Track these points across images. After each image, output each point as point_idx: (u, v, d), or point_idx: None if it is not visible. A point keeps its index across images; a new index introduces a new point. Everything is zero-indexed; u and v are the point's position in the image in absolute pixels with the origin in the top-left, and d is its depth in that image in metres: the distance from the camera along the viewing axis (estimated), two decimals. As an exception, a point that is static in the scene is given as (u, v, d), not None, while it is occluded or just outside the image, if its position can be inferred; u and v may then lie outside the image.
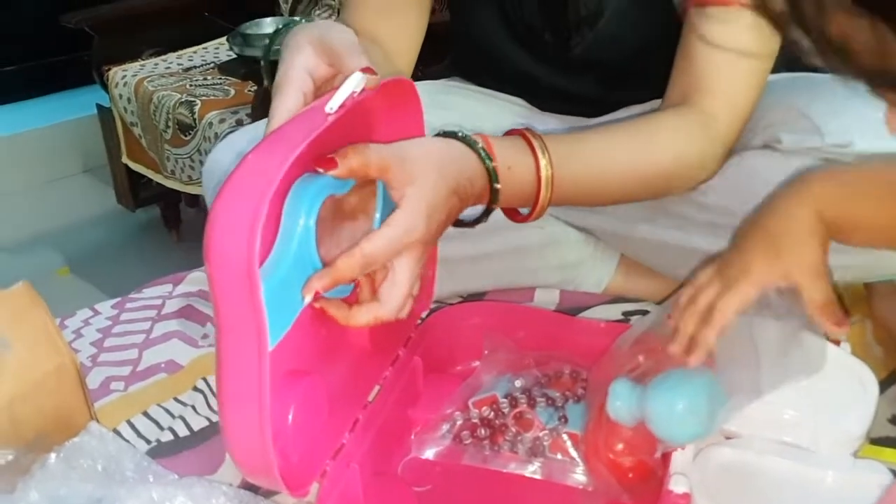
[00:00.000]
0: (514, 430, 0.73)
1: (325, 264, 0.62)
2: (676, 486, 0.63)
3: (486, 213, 0.72)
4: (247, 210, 0.54)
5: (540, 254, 1.00)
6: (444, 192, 0.64)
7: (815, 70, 0.90)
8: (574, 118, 1.00)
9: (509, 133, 0.73)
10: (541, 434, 0.72)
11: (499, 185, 0.68)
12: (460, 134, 0.67)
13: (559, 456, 0.71)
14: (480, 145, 0.67)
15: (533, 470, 0.71)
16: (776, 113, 0.83)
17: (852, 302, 0.95)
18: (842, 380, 0.74)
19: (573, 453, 0.71)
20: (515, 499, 0.71)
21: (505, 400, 0.75)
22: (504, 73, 1.00)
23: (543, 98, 1.00)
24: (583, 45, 0.91)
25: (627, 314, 0.96)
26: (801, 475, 0.69)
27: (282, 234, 0.58)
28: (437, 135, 0.69)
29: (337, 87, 0.61)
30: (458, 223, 0.71)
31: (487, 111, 1.01)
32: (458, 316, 0.85)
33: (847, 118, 0.79)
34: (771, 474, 0.69)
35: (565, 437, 0.72)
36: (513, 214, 0.76)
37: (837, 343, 0.79)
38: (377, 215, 0.68)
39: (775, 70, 0.95)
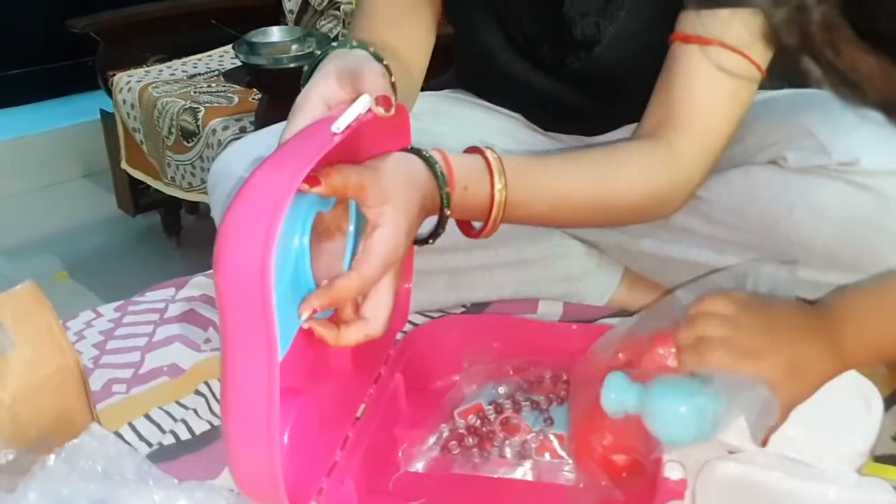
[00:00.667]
0: (501, 435, 0.73)
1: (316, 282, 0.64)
2: (671, 472, 0.64)
3: (435, 235, 0.73)
4: (261, 225, 0.55)
5: (544, 265, 1.00)
6: (417, 209, 0.66)
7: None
8: (572, 138, 1.01)
9: (471, 150, 0.74)
10: (528, 437, 0.72)
11: (448, 212, 0.70)
12: (424, 153, 0.69)
13: (547, 457, 0.72)
14: (439, 167, 0.69)
15: (523, 472, 0.71)
16: (782, 130, 0.83)
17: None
18: (846, 397, 0.74)
19: (562, 453, 0.71)
20: (509, 502, 0.71)
21: (490, 407, 0.76)
22: (504, 83, 1.00)
23: (541, 111, 1.01)
24: (579, 64, 0.92)
25: (631, 327, 0.96)
26: (804, 491, 0.69)
27: (277, 254, 0.59)
28: (404, 149, 0.71)
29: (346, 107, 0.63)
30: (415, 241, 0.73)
31: (490, 122, 1.01)
32: (435, 331, 0.85)
33: (854, 136, 0.79)
34: (774, 490, 0.69)
35: (552, 437, 0.72)
36: (467, 230, 0.77)
37: (842, 360, 0.79)
38: (351, 228, 0.69)
39: (780, 86, 0.96)
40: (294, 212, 0.60)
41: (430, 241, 0.73)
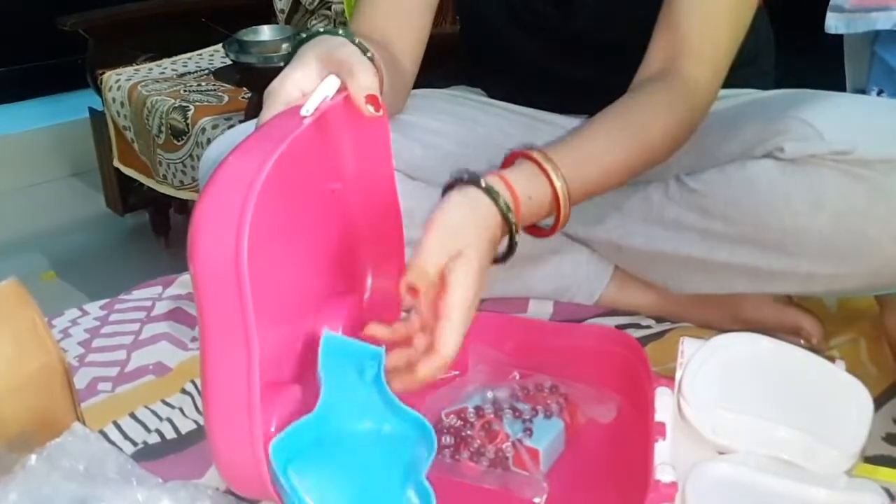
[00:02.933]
0: (477, 441, 0.72)
1: None
2: (663, 475, 0.64)
3: (507, 257, 0.74)
4: (232, 213, 0.54)
5: (535, 262, 1.00)
6: (489, 247, 0.68)
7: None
8: (577, 119, 1.01)
9: (515, 156, 0.75)
10: (503, 446, 0.71)
11: (517, 237, 0.71)
12: (484, 184, 0.69)
13: (520, 471, 0.71)
14: (503, 200, 0.69)
15: (491, 481, 0.70)
16: (779, 124, 0.83)
17: (847, 321, 0.95)
18: (837, 398, 0.74)
19: (532, 468, 0.71)
20: None
21: (472, 410, 0.75)
22: (506, 61, 1.01)
23: (546, 90, 1.00)
24: (582, 17, 0.93)
25: (621, 327, 0.96)
26: (795, 493, 0.68)
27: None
28: (459, 179, 0.71)
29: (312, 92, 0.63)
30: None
31: (486, 120, 1.01)
32: None
33: (850, 126, 0.79)
34: (765, 491, 0.69)
35: (524, 450, 0.71)
36: (536, 232, 0.78)
37: (833, 360, 0.78)
38: None
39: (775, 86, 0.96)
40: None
41: (502, 262, 0.74)
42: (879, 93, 1.29)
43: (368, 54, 0.69)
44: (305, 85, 0.66)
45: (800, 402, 0.73)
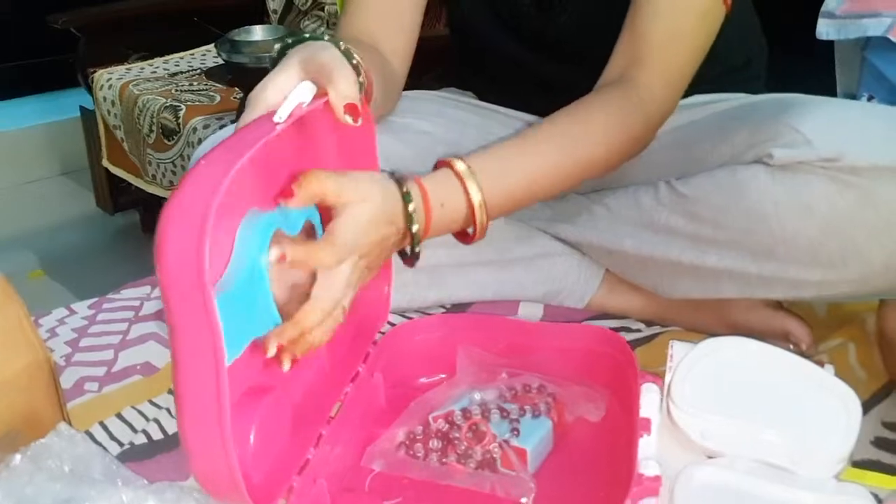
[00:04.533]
0: (465, 443, 0.72)
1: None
2: (647, 469, 0.64)
3: (414, 255, 0.73)
4: (195, 220, 0.53)
5: (525, 266, 1.00)
6: (383, 217, 0.67)
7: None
8: None
9: (439, 164, 0.75)
10: (491, 447, 0.71)
11: (418, 250, 0.72)
12: (396, 175, 0.70)
13: (508, 471, 0.71)
14: (406, 189, 0.70)
15: (478, 483, 0.70)
16: (767, 129, 0.83)
17: (835, 325, 0.95)
18: (825, 402, 0.74)
19: (519, 468, 0.70)
20: None
21: (460, 413, 0.75)
22: (497, 65, 1.01)
23: (533, 92, 1.01)
24: (563, 20, 0.93)
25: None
26: (783, 497, 0.68)
27: (234, 261, 0.57)
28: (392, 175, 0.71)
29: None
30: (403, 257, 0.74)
31: (475, 121, 1.01)
32: (415, 330, 0.85)
33: (839, 132, 0.79)
34: (753, 495, 0.69)
35: (511, 450, 0.71)
36: (462, 238, 0.78)
37: (822, 365, 0.79)
38: None
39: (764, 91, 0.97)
40: (252, 226, 0.59)
41: (412, 261, 0.73)
42: (870, 98, 1.29)
43: (354, 60, 0.68)
44: (287, 89, 0.65)
45: (788, 406, 0.74)
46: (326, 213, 0.67)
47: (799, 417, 0.72)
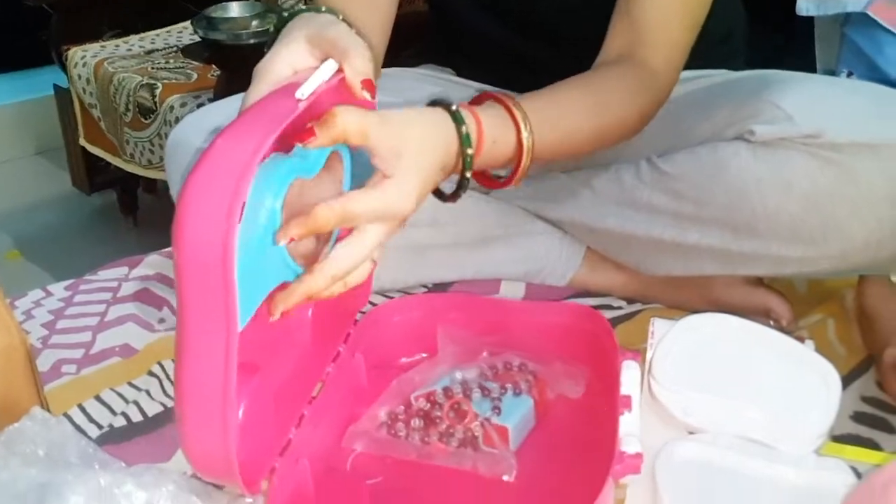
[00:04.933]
0: (446, 422, 0.72)
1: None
2: (628, 446, 0.64)
3: (456, 196, 0.71)
4: (223, 197, 0.52)
5: (507, 245, 1.00)
6: (435, 169, 0.64)
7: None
8: None
9: (487, 97, 0.72)
10: (472, 426, 0.71)
11: (469, 174, 0.68)
12: (453, 107, 0.66)
13: (490, 449, 0.71)
14: (466, 128, 0.66)
15: (461, 461, 0.70)
16: (749, 106, 0.83)
17: (815, 301, 0.96)
18: (805, 377, 0.74)
19: (501, 446, 0.71)
20: (454, 489, 0.70)
21: (441, 392, 0.75)
22: (473, 46, 1.00)
23: (512, 71, 1.00)
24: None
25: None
26: (763, 472, 0.69)
27: (246, 217, 0.56)
28: (431, 103, 0.68)
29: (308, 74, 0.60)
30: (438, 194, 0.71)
31: (454, 98, 1.00)
32: (396, 309, 0.84)
33: (820, 109, 0.79)
34: (734, 471, 0.69)
35: (492, 429, 0.71)
36: (489, 183, 0.75)
37: (802, 341, 0.79)
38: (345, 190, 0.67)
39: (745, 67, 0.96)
40: (269, 174, 0.57)
41: (451, 200, 0.71)
42: (849, 75, 1.29)
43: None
44: (296, 62, 0.64)
45: (769, 382, 0.74)
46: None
47: (780, 393, 0.73)
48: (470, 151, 0.66)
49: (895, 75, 1.24)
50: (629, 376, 0.71)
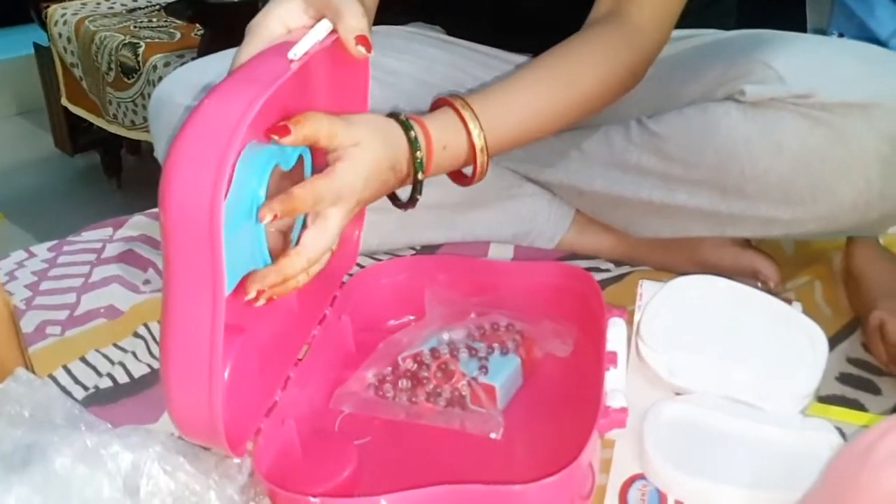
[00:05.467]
0: (433, 382, 0.72)
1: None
2: (614, 401, 0.64)
3: (413, 200, 0.72)
4: (212, 156, 0.52)
5: (495, 207, 0.99)
6: (386, 164, 0.65)
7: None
8: (525, 57, 0.99)
9: (439, 103, 0.73)
10: (460, 385, 0.71)
11: (421, 177, 0.70)
12: (402, 117, 0.68)
13: (477, 408, 0.71)
14: (414, 133, 0.68)
15: (448, 420, 0.70)
16: (740, 66, 0.82)
17: (803, 263, 0.96)
18: (792, 338, 0.74)
19: (488, 405, 0.71)
20: (442, 448, 0.70)
21: (428, 353, 0.75)
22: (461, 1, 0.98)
23: (503, 28, 0.98)
24: None
25: (581, 270, 0.96)
26: (750, 432, 0.69)
27: (231, 193, 0.56)
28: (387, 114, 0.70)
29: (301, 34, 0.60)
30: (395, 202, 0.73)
31: (443, 57, 0.99)
32: (382, 272, 0.84)
33: (810, 69, 0.79)
34: (720, 431, 0.70)
35: (480, 388, 0.71)
36: (459, 179, 0.77)
37: (789, 302, 0.79)
38: None
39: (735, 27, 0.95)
40: (253, 159, 0.57)
41: (410, 206, 0.73)
42: (840, 36, 1.29)
43: None
44: (289, 21, 0.63)
45: (756, 343, 0.74)
46: (320, 156, 0.65)
47: (766, 354, 0.73)
48: (419, 154, 0.68)
49: (885, 37, 1.23)
50: (616, 333, 0.71)
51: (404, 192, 0.72)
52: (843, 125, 0.76)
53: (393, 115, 0.69)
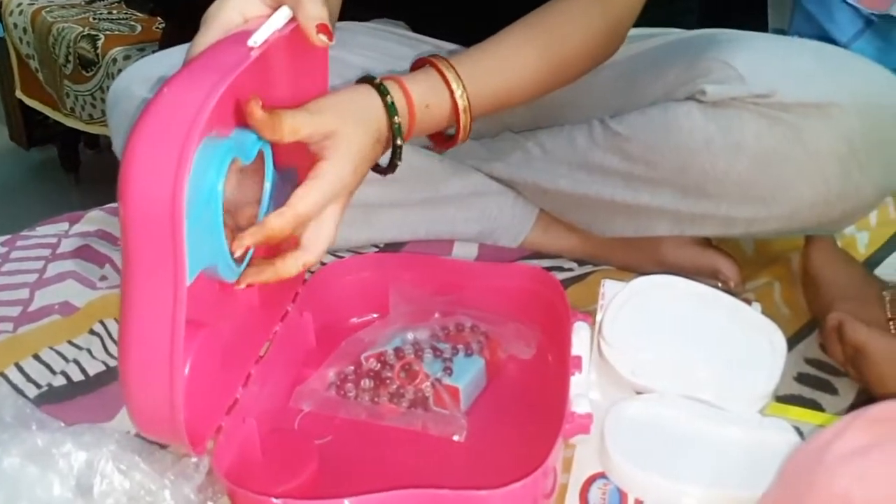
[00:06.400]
0: (397, 383, 0.72)
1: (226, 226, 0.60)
2: (578, 407, 0.65)
3: (392, 165, 0.72)
4: (174, 145, 0.51)
5: (459, 205, 0.99)
6: (368, 141, 0.65)
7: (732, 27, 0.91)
8: None
9: (421, 63, 0.74)
10: (423, 386, 0.71)
11: (400, 142, 0.69)
12: (377, 82, 0.68)
13: (441, 409, 0.71)
14: (391, 98, 0.68)
15: (410, 422, 0.70)
16: (700, 65, 0.83)
17: (763, 264, 0.97)
18: (751, 339, 0.75)
19: (452, 406, 0.71)
20: (405, 449, 0.69)
21: (392, 352, 0.74)
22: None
23: (467, 23, 0.97)
24: None
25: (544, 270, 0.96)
26: (709, 431, 0.70)
27: (190, 186, 0.55)
28: (357, 81, 0.70)
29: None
30: (375, 168, 0.72)
31: (409, 53, 0.98)
32: (345, 269, 0.83)
33: (770, 69, 0.80)
34: (680, 430, 0.70)
35: (443, 389, 0.71)
36: (441, 141, 0.77)
37: (749, 303, 0.80)
38: (267, 185, 0.66)
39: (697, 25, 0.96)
40: (212, 151, 0.56)
41: (389, 171, 0.72)
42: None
43: None
44: (247, 10, 0.62)
45: (716, 343, 0.75)
46: (281, 152, 0.64)
47: (726, 354, 0.74)
48: (398, 119, 0.68)
49: (844, 41, 1.25)
50: (580, 337, 0.71)
51: (384, 158, 0.71)
52: (801, 125, 0.77)
53: (367, 78, 0.68)
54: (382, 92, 0.67)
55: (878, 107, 0.77)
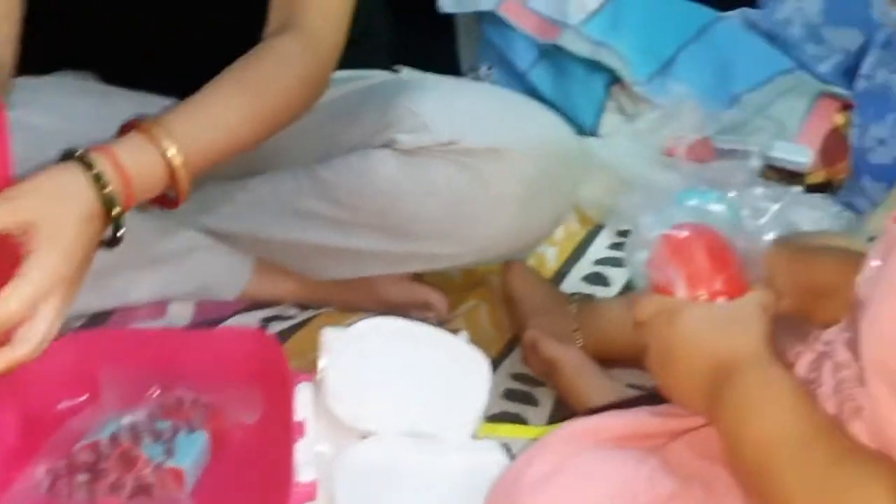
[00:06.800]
0: (115, 473, 0.69)
1: None
2: (303, 476, 0.66)
3: (115, 240, 0.69)
4: None
5: (174, 263, 0.96)
6: (77, 222, 0.62)
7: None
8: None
9: (128, 128, 0.71)
10: (144, 473, 0.69)
11: (117, 212, 0.67)
12: (78, 153, 0.65)
13: (166, 495, 0.69)
14: (97, 171, 0.65)
15: None
16: (391, 113, 0.88)
17: (469, 288, 1.04)
18: (460, 367, 0.80)
19: (176, 490, 0.69)
20: None
21: (107, 440, 0.71)
22: (108, 42, 0.94)
23: (160, 72, 0.95)
24: None
25: (266, 320, 0.97)
26: (427, 463, 0.74)
27: None
28: (60, 157, 0.66)
29: None
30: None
31: (99, 110, 0.93)
32: (46, 353, 0.78)
33: (455, 116, 0.87)
34: (401, 467, 0.73)
35: (166, 473, 0.69)
36: (165, 203, 0.74)
37: (456, 333, 0.86)
38: None
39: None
40: None
41: (116, 243, 0.69)
42: (489, 68, 1.41)
43: None
44: None
45: (429, 376, 0.79)
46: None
47: (438, 386, 0.78)
48: (108, 190, 0.65)
49: (524, 68, 1.37)
50: (303, 399, 0.72)
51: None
52: (483, 169, 0.85)
53: (69, 153, 0.65)
54: (88, 165, 0.64)
55: (549, 153, 0.88)
